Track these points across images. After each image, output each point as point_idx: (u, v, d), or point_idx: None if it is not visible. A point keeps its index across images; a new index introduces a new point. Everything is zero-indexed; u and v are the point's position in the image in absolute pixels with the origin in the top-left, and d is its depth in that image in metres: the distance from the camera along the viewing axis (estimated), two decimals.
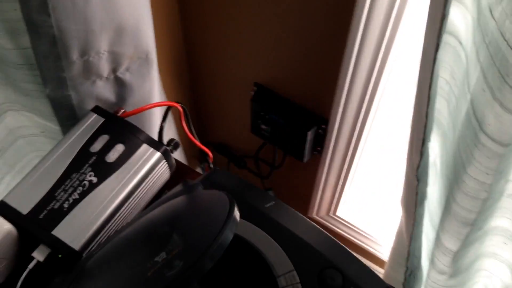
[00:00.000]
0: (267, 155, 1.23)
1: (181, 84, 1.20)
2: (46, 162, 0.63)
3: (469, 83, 0.59)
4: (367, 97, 0.91)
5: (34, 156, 0.89)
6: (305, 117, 1.02)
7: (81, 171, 0.62)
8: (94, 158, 0.63)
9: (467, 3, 0.53)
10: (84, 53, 0.64)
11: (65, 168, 0.62)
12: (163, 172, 0.67)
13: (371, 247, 1.26)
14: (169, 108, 0.72)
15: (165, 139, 0.70)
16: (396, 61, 0.86)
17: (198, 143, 0.79)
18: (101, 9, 0.59)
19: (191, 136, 0.77)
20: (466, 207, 0.65)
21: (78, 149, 0.64)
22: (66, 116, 0.74)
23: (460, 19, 0.54)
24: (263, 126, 1.09)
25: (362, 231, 1.25)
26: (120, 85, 0.74)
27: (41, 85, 0.69)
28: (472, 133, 0.59)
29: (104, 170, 0.62)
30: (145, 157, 0.64)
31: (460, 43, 0.57)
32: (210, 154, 0.84)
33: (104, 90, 0.73)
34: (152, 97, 0.79)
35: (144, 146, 0.65)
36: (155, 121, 0.83)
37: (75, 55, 0.64)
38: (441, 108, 0.58)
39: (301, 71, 0.95)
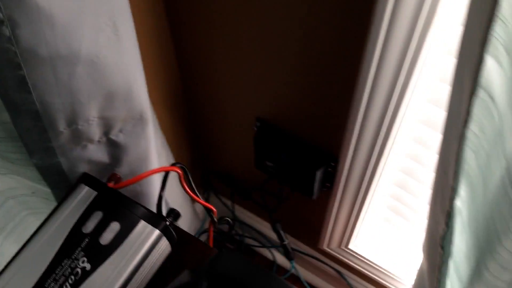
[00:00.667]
0: (273, 188, 1.16)
1: (180, 115, 1.13)
2: (34, 246, 0.56)
3: (505, 147, 0.53)
4: (382, 133, 0.84)
5: (26, 214, 0.83)
6: (312, 154, 0.96)
7: (73, 257, 0.56)
8: (87, 240, 0.57)
9: (502, 62, 0.48)
10: (72, 122, 0.58)
11: (55, 253, 0.56)
12: (163, 249, 0.60)
13: (385, 280, 1.20)
14: (167, 172, 0.65)
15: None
16: (415, 94, 0.80)
17: (201, 201, 0.73)
18: (87, 80, 0.53)
19: (193, 196, 0.71)
20: (502, 279, 0.59)
21: (69, 230, 0.58)
22: (56, 180, 0.68)
23: (494, 75, 0.49)
24: (268, 163, 1.03)
25: (375, 264, 1.18)
26: (114, 146, 0.67)
27: (27, 154, 0.62)
28: (509, 205, 0.53)
29: (98, 255, 0.56)
30: (142, 236, 0.58)
31: (492, 99, 0.52)
32: (214, 210, 0.78)
33: (97, 153, 0.67)
34: (149, 155, 0.72)
35: (142, 224, 0.58)
36: (153, 182, 0.77)
37: (61, 126, 0.58)
38: (469, 160, 0.54)
39: (307, 106, 0.88)
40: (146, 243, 0.58)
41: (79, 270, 0.55)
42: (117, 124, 0.64)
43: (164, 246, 0.60)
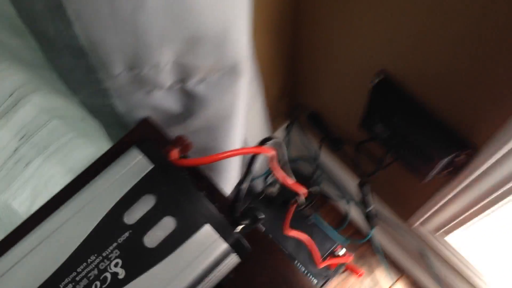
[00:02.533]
0: (373, 150, 0.95)
1: (281, 39, 0.90)
2: (52, 226, 0.41)
3: None
4: None
5: (73, 136, 0.69)
6: (442, 136, 0.72)
7: (105, 254, 0.40)
8: (127, 234, 0.40)
9: None
10: (134, 67, 0.39)
11: (81, 240, 0.41)
12: (228, 265, 0.43)
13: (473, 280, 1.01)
14: (254, 156, 0.46)
15: None
16: None
17: (292, 184, 0.54)
18: (162, 17, 0.32)
19: (284, 178, 0.52)
20: None
21: (107, 212, 0.41)
22: (109, 122, 0.51)
23: None
24: (379, 127, 0.80)
25: (468, 263, 0.99)
26: (189, 97, 0.48)
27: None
28: None
29: (139, 260, 0.40)
30: (204, 247, 0.41)
31: None
32: (305, 192, 0.59)
33: (165, 101, 0.48)
34: (234, 113, 0.53)
35: (206, 229, 0.41)
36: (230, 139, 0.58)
37: (117, 69, 0.39)
38: None
39: (463, 72, 0.63)
40: (207, 258, 0.40)
41: (108, 275, 0.39)
42: (199, 73, 0.44)
43: (231, 262, 0.43)
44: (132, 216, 0.41)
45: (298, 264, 1.05)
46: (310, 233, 1.08)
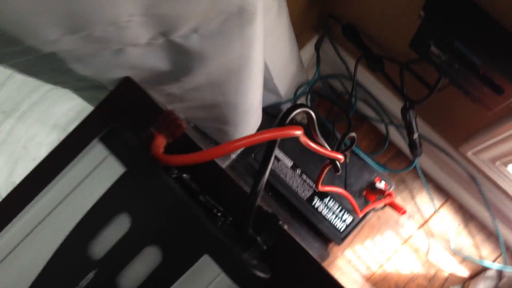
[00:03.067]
0: (423, 71, 0.79)
1: None
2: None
3: None
4: None
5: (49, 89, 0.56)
6: None
7: None
8: (92, 275, 0.28)
9: None
10: (78, 29, 0.24)
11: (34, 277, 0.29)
12: None
13: None
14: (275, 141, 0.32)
15: None
16: None
17: (328, 154, 0.41)
18: None
19: (319, 150, 0.39)
20: None
21: (61, 242, 0.29)
22: (79, 86, 0.37)
23: None
24: (434, 50, 0.63)
25: None
26: (179, 52, 0.34)
27: None
28: None
29: None
30: None
31: None
32: (342, 158, 0.45)
33: (146, 59, 0.34)
34: (246, 65, 0.38)
35: (205, 262, 0.28)
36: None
37: (53, 35, 0.24)
38: None
39: None
40: None
41: None
42: (187, 23, 0.29)
43: None
44: (99, 247, 0.29)
45: (332, 200, 0.95)
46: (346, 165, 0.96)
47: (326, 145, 0.42)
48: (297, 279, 0.35)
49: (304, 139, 0.36)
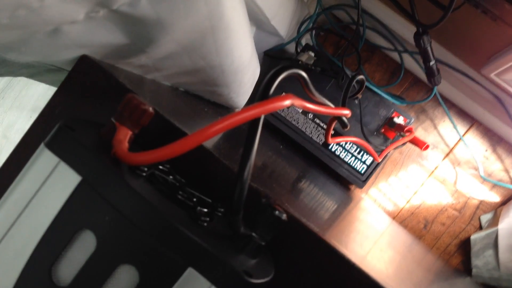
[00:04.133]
0: None
1: None
2: None
3: None
4: None
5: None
6: None
7: None
8: None
9: None
10: None
11: None
12: None
13: None
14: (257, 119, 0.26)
15: None
16: None
17: (333, 112, 0.35)
18: None
19: (322, 111, 0.33)
20: None
21: (22, 269, 0.25)
22: (30, 72, 0.32)
23: None
24: None
25: None
26: (130, 23, 0.28)
27: None
28: None
29: None
30: None
31: None
32: (349, 113, 0.40)
33: (92, 36, 0.28)
34: (223, 23, 0.32)
35: (191, 275, 0.24)
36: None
37: None
38: None
39: None
40: None
41: None
42: None
43: None
44: (65, 271, 0.24)
45: (350, 142, 0.89)
46: (360, 105, 0.89)
47: (327, 102, 0.36)
48: (307, 267, 0.31)
49: (299, 103, 0.30)
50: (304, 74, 0.29)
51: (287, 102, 0.27)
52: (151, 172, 0.26)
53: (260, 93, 0.26)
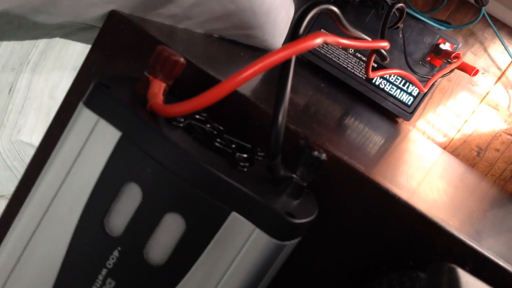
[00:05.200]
0: None
1: None
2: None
3: None
4: None
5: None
6: None
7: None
8: (117, 253, 0.26)
9: None
10: None
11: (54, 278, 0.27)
12: (285, 253, 0.27)
13: None
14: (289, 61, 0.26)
15: None
16: None
17: (371, 45, 0.35)
18: None
19: (360, 46, 0.33)
20: None
21: (75, 224, 0.26)
22: (65, 33, 0.33)
23: None
24: None
25: None
26: None
27: None
28: None
29: None
30: (238, 247, 0.25)
31: None
32: (387, 45, 0.38)
33: None
34: None
35: (235, 219, 0.25)
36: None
37: None
38: None
39: None
40: (247, 261, 0.25)
41: None
42: None
43: (288, 249, 0.27)
44: (116, 223, 0.25)
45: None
46: (403, 35, 0.85)
47: (363, 36, 0.35)
48: (351, 204, 0.31)
49: (332, 40, 0.29)
50: (334, 8, 0.28)
51: (318, 40, 0.26)
52: (188, 122, 0.27)
53: (290, 34, 0.25)
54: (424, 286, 0.26)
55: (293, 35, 0.25)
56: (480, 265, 0.30)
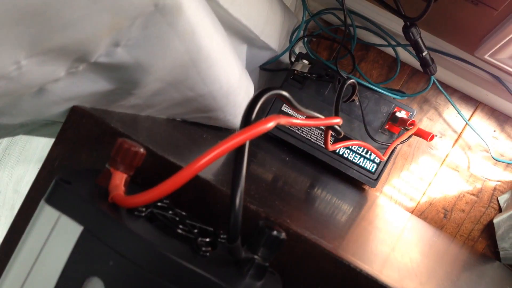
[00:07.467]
0: None
1: None
2: None
3: None
4: None
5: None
6: None
7: None
8: None
9: None
10: None
11: None
12: None
13: None
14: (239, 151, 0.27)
15: None
16: None
17: (324, 122, 0.36)
18: None
19: (312, 124, 0.34)
20: None
21: None
22: (27, 131, 0.33)
23: None
24: None
25: None
26: (111, 70, 0.29)
27: None
28: None
29: None
30: None
31: None
32: (340, 122, 0.40)
33: (78, 87, 0.29)
34: (202, 53, 0.33)
35: None
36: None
37: None
38: None
39: None
40: None
41: None
42: (100, 41, 0.24)
43: None
44: None
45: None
46: (361, 106, 0.89)
47: (316, 114, 0.37)
48: (316, 280, 0.31)
49: (286, 121, 0.31)
50: (284, 93, 0.30)
51: (271, 124, 0.27)
52: (150, 211, 0.27)
53: (243, 121, 0.26)
54: None
55: (246, 121, 0.26)
56: None
